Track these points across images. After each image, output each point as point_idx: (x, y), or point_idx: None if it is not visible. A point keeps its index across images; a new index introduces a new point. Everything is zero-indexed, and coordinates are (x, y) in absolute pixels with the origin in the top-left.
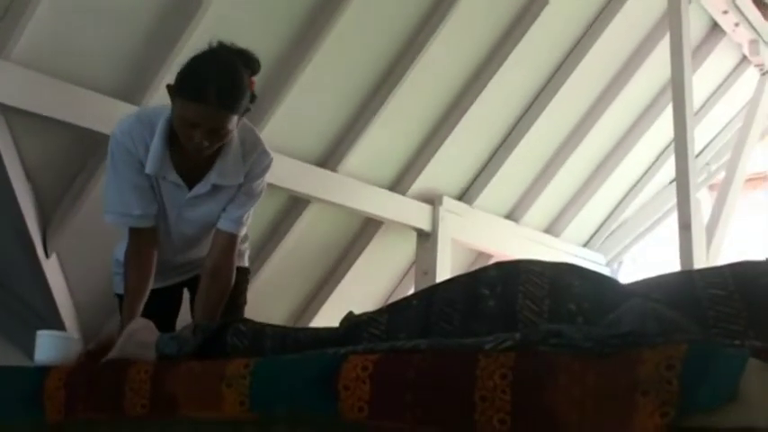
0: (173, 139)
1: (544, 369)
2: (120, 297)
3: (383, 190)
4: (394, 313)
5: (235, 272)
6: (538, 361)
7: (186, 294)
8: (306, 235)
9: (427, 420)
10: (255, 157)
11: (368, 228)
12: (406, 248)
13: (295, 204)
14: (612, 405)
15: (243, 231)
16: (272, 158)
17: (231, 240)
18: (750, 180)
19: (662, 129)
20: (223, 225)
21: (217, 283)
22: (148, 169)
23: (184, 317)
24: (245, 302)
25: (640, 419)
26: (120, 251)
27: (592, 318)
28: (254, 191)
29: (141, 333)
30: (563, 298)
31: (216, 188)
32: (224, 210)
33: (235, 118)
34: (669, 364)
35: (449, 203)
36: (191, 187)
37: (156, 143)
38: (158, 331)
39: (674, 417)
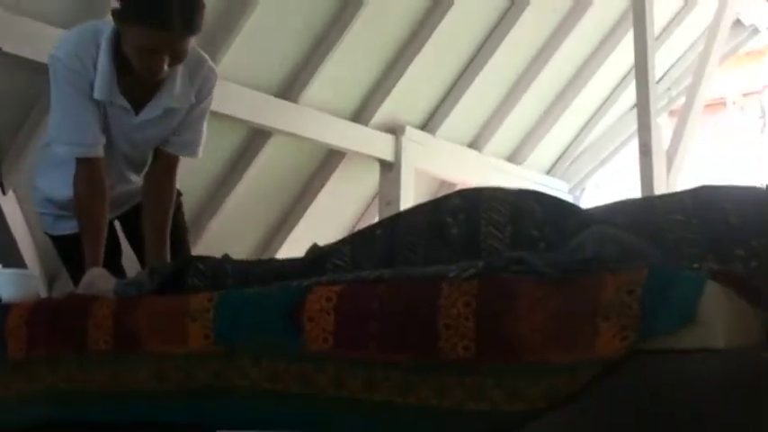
0: (118, 60)
1: (507, 296)
2: (54, 238)
3: (345, 121)
4: (358, 244)
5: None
6: (500, 288)
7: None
8: (268, 167)
9: (392, 349)
10: (204, 74)
11: (330, 159)
12: (369, 179)
13: (256, 136)
14: (574, 329)
15: (199, 153)
16: (217, 76)
17: (173, 162)
18: (709, 105)
19: (623, 55)
20: (176, 149)
21: (162, 206)
22: (98, 94)
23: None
24: (187, 231)
25: (601, 343)
26: (47, 185)
27: (554, 244)
28: (204, 110)
29: (99, 282)
30: (525, 225)
31: (168, 111)
32: (175, 133)
33: (194, 38)
34: (629, 289)
35: (411, 133)
36: (137, 111)
37: (104, 65)
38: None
39: (634, 340)
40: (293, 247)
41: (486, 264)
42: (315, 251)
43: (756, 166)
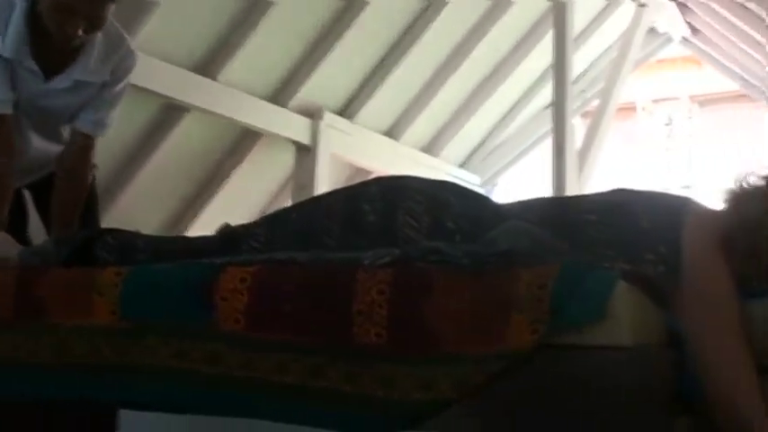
0: (33, 23)
1: (422, 285)
2: None
3: (263, 101)
4: (273, 225)
5: (91, 173)
6: (416, 277)
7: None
8: (182, 144)
9: (305, 333)
10: (122, 54)
11: (246, 139)
12: (284, 162)
13: (171, 112)
14: (487, 321)
15: (105, 134)
16: (137, 58)
17: (89, 142)
18: (620, 110)
19: (540, 55)
20: (83, 126)
21: (73, 183)
22: (7, 51)
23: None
24: (97, 202)
25: (512, 335)
26: None
27: (469, 236)
28: (118, 92)
29: (1, 247)
30: (442, 216)
31: (78, 84)
32: (84, 109)
33: (112, 6)
34: (542, 284)
35: (329, 118)
36: (47, 78)
37: (17, 25)
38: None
39: (544, 333)
40: (204, 226)
41: (402, 252)
42: (227, 231)
43: (662, 172)
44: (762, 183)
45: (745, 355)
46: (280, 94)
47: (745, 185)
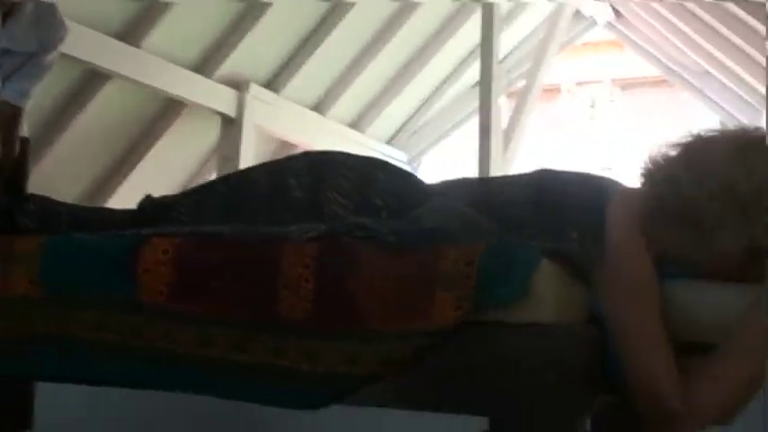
0: None
1: (348, 260)
2: None
3: (188, 71)
4: (198, 197)
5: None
6: (342, 252)
7: None
8: (103, 112)
9: (229, 306)
10: (52, 24)
11: (170, 109)
12: (208, 133)
13: (92, 79)
14: (412, 297)
15: (27, 104)
16: (68, 30)
17: (16, 111)
18: (545, 91)
19: (467, 34)
20: (9, 95)
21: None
22: None
23: None
24: (28, 173)
25: (438, 311)
26: None
27: (396, 213)
28: (46, 63)
29: None
30: (369, 192)
31: (4, 52)
32: (10, 78)
33: None
34: (468, 261)
35: (256, 90)
36: None
37: None
38: None
39: (469, 311)
40: (125, 197)
41: (328, 227)
42: (150, 202)
43: (584, 153)
44: (673, 151)
45: (664, 339)
46: (205, 65)
47: (658, 159)
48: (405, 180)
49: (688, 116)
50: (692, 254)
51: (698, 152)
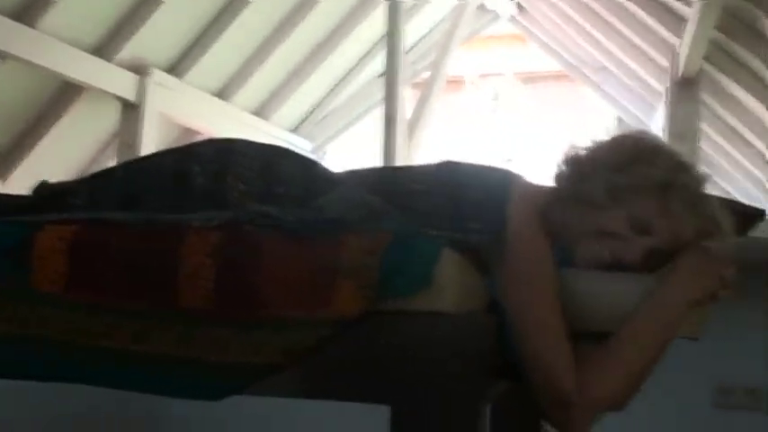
0: None
1: (251, 249)
2: None
3: (86, 54)
4: (97, 184)
5: None
6: (245, 241)
7: None
8: None
9: (129, 296)
10: None
11: (67, 93)
12: (108, 118)
13: None
14: (315, 286)
15: None
16: None
17: None
18: (449, 83)
19: (373, 24)
20: None
21: None
22: None
23: None
24: None
25: (340, 301)
26: None
27: (301, 202)
28: None
29: None
30: (273, 181)
31: None
32: None
33: None
34: (371, 251)
35: (158, 75)
36: None
37: None
38: None
39: (372, 300)
40: (20, 182)
41: (232, 215)
42: (46, 188)
43: (487, 144)
44: (580, 153)
45: (561, 328)
46: (105, 48)
47: (564, 160)
48: (309, 169)
49: (588, 110)
50: (580, 226)
51: (594, 150)
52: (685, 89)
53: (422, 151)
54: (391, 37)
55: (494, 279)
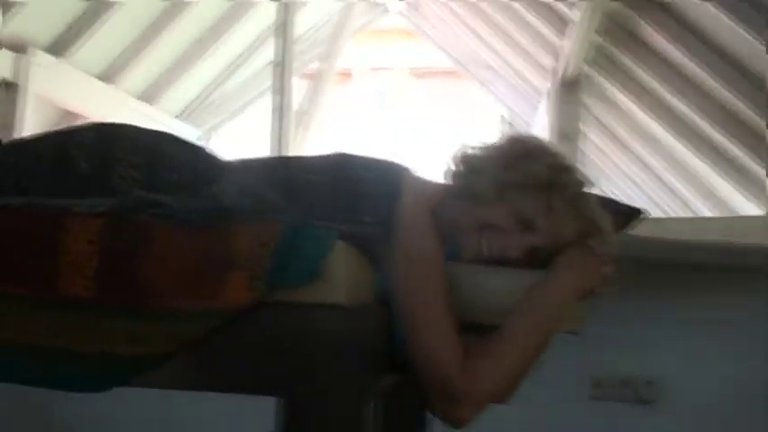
0: None
1: (138, 237)
2: None
3: None
4: None
5: None
6: (130, 229)
7: None
8: None
9: (7, 283)
10: None
11: None
12: None
13: None
14: (204, 276)
15: None
16: None
17: None
18: (338, 74)
19: (263, 11)
20: None
21: None
22: None
23: None
24: None
25: (230, 291)
26: None
27: (190, 190)
28: None
29: None
30: (161, 168)
31: None
32: None
33: None
34: (262, 241)
35: (38, 55)
36: None
37: None
38: None
39: (263, 291)
40: None
41: (117, 202)
42: None
43: (375, 137)
44: (471, 151)
45: (449, 320)
46: None
47: (455, 158)
48: (197, 155)
49: (475, 107)
50: (467, 221)
51: (485, 149)
52: (568, 91)
53: (311, 141)
54: (281, 26)
55: (384, 273)
